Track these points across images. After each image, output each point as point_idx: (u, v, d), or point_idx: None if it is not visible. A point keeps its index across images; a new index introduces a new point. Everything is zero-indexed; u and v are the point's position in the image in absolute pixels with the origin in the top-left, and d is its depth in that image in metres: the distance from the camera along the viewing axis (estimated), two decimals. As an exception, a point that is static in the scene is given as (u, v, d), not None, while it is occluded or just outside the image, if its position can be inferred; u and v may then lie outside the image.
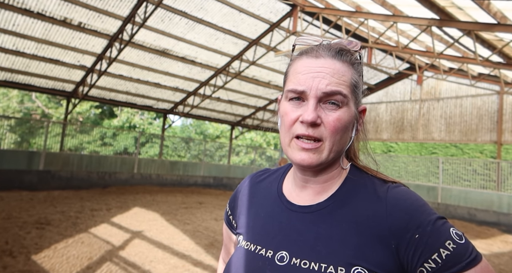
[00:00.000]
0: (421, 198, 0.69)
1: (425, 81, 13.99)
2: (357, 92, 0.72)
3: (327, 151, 0.68)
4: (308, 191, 0.76)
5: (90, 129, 17.97)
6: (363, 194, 0.71)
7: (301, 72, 0.70)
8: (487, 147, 12.40)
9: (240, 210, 0.88)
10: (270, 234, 0.75)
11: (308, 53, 0.73)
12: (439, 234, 0.62)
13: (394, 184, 0.72)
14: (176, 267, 4.52)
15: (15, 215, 6.51)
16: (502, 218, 10.31)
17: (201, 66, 11.91)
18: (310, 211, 0.73)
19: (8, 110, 21.03)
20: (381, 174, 0.76)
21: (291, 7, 9.71)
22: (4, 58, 9.79)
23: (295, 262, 0.67)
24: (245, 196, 0.89)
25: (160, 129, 17.97)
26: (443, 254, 0.61)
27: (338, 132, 0.68)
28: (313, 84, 0.68)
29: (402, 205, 0.66)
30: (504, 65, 8.33)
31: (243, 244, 0.78)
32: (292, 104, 0.71)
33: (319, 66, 0.69)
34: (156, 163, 13.43)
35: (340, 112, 0.68)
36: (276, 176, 0.87)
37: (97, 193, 10.32)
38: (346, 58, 0.71)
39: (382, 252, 0.64)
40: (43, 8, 8.35)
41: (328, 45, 0.72)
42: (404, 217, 0.64)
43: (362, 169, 0.77)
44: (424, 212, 0.65)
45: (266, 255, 0.72)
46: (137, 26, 8.83)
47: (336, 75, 0.69)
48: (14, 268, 4.00)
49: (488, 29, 6.82)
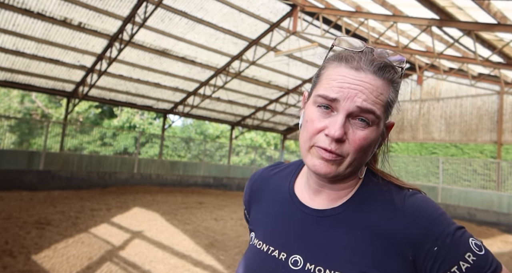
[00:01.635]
0: (439, 207, 0.67)
1: (425, 81, 13.99)
2: (389, 111, 0.70)
3: (346, 165, 0.66)
4: (322, 196, 0.73)
5: (90, 129, 17.97)
6: (379, 201, 0.69)
7: (336, 80, 0.66)
8: (487, 147, 12.40)
9: (252, 204, 0.86)
10: (283, 235, 0.73)
11: (348, 61, 0.67)
12: (459, 246, 0.61)
13: (411, 191, 0.70)
14: (176, 267, 4.52)
15: (15, 215, 6.51)
16: (502, 218, 10.30)
17: (201, 66, 11.91)
18: (324, 216, 0.70)
19: (8, 110, 21.03)
20: (398, 180, 0.74)
21: (291, 7, 9.71)
22: (4, 58, 9.79)
23: (309, 267, 0.66)
24: (256, 190, 0.87)
25: (160, 129, 17.97)
26: (463, 267, 0.59)
27: (362, 150, 0.66)
28: (349, 96, 0.63)
29: (421, 215, 0.64)
30: (504, 65, 8.33)
31: (255, 242, 0.77)
32: (320, 111, 0.67)
33: (359, 80, 0.64)
34: (156, 163, 13.43)
35: (368, 131, 0.65)
36: (288, 172, 0.84)
37: (97, 193, 10.32)
38: (389, 75, 0.67)
39: (398, 263, 0.62)
40: (43, 8, 8.35)
41: (371, 58, 0.66)
42: (422, 228, 0.62)
43: (378, 174, 0.75)
44: (443, 223, 0.63)
45: (280, 257, 0.70)
46: (137, 26, 8.83)
47: (375, 93, 0.64)
48: (14, 268, 4.00)
49: (488, 29, 6.82)
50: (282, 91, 14.62)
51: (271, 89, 14.43)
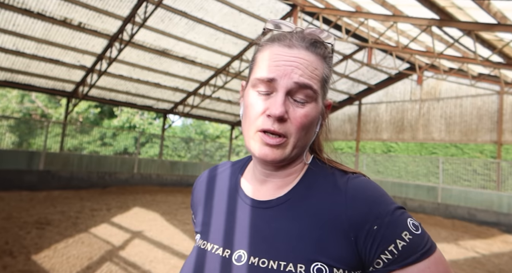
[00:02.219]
0: (380, 188, 0.67)
1: (425, 81, 13.99)
2: (326, 87, 0.70)
3: (291, 147, 0.66)
4: (268, 186, 0.72)
5: (90, 129, 17.97)
6: (323, 186, 0.69)
7: (271, 59, 0.66)
8: (487, 147, 12.40)
9: (197, 207, 0.83)
10: (228, 232, 0.71)
11: (280, 40, 0.68)
12: (397, 225, 0.61)
13: (354, 175, 0.70)
14: (176, 267, 4.52)
15: (15, 215, 6.51)
16: (502, 218, 10.30)
17: (201, 66, 11.90)
18: (269, 206, 0.69)
19: (8, 110, 21.03)
20: (343, 165, 0.74)
21: (291, 7, 9.71)
22: (4, 58, 9.79)
23: (253, 261, 0.64)
24: (201, 192, 0.84)
25: (160, 129, 17.96)
26: (399, 245, 0.60)
27: (304, 128, 0.66)
28: (285, 73, 0.64)
29: (361, 196, 0.64)
30: (504, 65, 8.32)
31: (200, 243, 0.74)
32: (259, 94, 0.67)
33: (293, 56, 0.65)
34: (156, 163, 13.43)
35: (308, 108, 0.65)
36: (235, 169, 0.83)
37: (97, 193, 10.32)
38: (320, 51, 0.68)
39: (342, 245, 0.62)
40: (43, 8, 8.35)
41: (302, 35, 0.68)
42: (363, 209, 0.63)
43: (324, 161, 0.74)
44: (383, 203, 0.63)
45: (223, 255, 0.68)
46: (137, 26, 8.83)
47: (310, 68, 0.65)
48: (14, 268, 3.99)
49: (488, 29, 6.81)
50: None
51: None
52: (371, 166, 14.80)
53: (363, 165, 14.62)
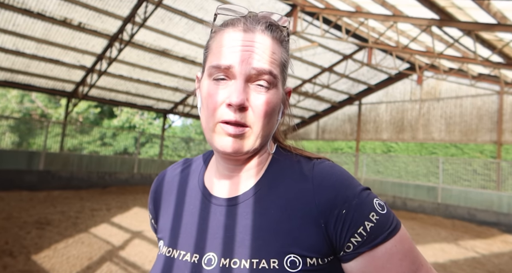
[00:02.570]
0: (346, 172, 0.66)
1: (425, 81, 13.99)
2: (285, 72, 0.67)
3: (254, 136, 0.62)
4: (233, 181, 0.68)
5: (90, 129, 17.97)
6: (290, 175, 0.66)
7: (226, 45, 0.62)
8: (487, 147, 12.40)
9: (158, 210, 0.77)
10: (194, 235, 0.66)
11: (234, 25, 0.65)
12: (364, 206, 0.60)
13: (319, 160, 0.68)
14: (176, 267, 4.52)
15: (15, 215, 6.51)
16: (502, 218, 10.31)
17: (201, 66, 11.90)
18: (236, 203, 0.65)
19: (8, 110, 21.03)
20: (307, 151, 0.72)
21: (291, 7, 9.71)
22: (4, 58, 9.79)
23: (224, 263, 0.60)
24: (161, 193, 0.78)
25: (160, 129, 17.97)
26: (367, 227, 0.59)
27: (266, 116, 0.62)
28: (243, 59, 0.60)
29: (328, 181, 0.62)
30: (504, 65, 8.33)
31: (164, 250, 0.68)
32: (216, 83, 0.62)
33: (248, 41, 0.62)
34: (156, 163, 13.43)
35: (269, 95, 0.62)
36: (196, 166, 0.78)
37: (97, 193, 10.32)
38: (276, 34, 0.65)
39: (313, 234, 0.60)
40: (43, 8, 8.35)
41: (256, 18, 0.66)
42: (330, 194, 0.61)
43: (287, 149, 0.72)
44: (350, 186, 0.62)
45: (192, 260, 0.63)
46: (137, 26, 8.83)
47: (267, 52, 0.62)
48: (14, 268, 4.00)
49: (488, 29, 6.82)
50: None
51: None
52: (371, 166, 14.80)
53: (363, 165, 14.62)
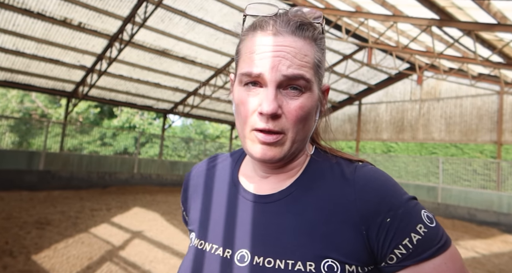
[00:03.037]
0: (391, 178, 0.63)
1: (425, 81, 13.99)
2: (320, 73, 0.64)
3: (289, 142, 0.61)
4: (269, 180, 0.68)
5: (90, 129, 17.97)
6: (329, 177, 0.64)
7: (255, 52, 0.60)
8: (487, 147, 12.40)
9: (190, 203, 0.77)
10: (227, 230, 0.65)
11: (263, 28, 0.62)
12: (411, 217, 0.57)
13: (361, 163, 0.65)
14: (176, 267, 4.52)
15: (15, 215, 6.51)
16: (502, 218, 10.30)
17: (201, 66, 11.91)
18: (272, 201, 0.64)
19: (8, 110, 21.03)
20: (346, 153, 0.69)
21: (291, 7, 9.71)
22: (4, 58, 9.79)
23: (258, 261, 0.59)
24: (195, 186, 0.78)
25: (160, 129, 17.97)
26: (414, 239, 0.56)
27: (301, 121, 0.60)
28: (272, 66, 0.58)
29: (372, 186, 0.60)
30: (504, 65, 8.33)
31: (196, 243, 0.68)
32: (248, 90, 0.61)
33: (278, 45, 0.59)
34: (156, 163, 13.43)
35: (302, 99, 0.60)
36: (231, 161, 0.77)
37: (97, 193, 10.32)
38: (308, 33, 0.62)
39: (352, 240, 0.58)
40: (43, 8, 8.35)
41: (286, 18, 0.62)
42: (374, 200, 0.58)
43: (326, 150, 0.70)
44: (395, 193, 0.59)
45: (224, 255, 0.63)
46: (137, 26, 8.83)
47: (298, 56, 0.59)
48: (14, 268, 4.00)
49: (488, 29, 6.81)
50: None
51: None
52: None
53: (363, 165, 14.61)
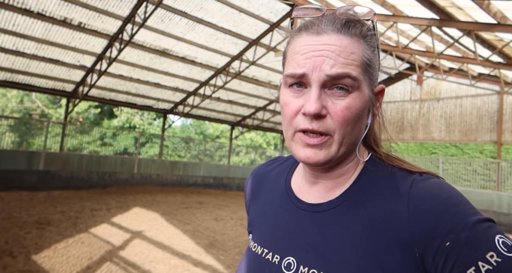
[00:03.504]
0: (457, 193, 0.55)
1: (425, 81, 13.99)
2: (370, 71, 0.60)
3: (336, 145, 0.58)
4: (318, 187, 0.66)
5: (90, 129, 17.98)
6: (382, 189, 0.59)
7: (300, 52, 0.59)
8: (487, 147, 12.40)
9: (251, 204, 0.79)
10: (277, 235, 0.66)
11: (308, 28, 0.61)
12: (479, 242, 0.49)
13: (422, 176, 0.59)
14: (176, 267, 4.52)
15: (15, 215, 6.51)
16: (502, 218, 10.31)
17: (201, 66, 11.91)
18: (320, 210, 0.63)
19: (7, 110, 21.03)
20: (407, 163, 0.63)
21: (291, 7, 9.71)
22: (4, 58, 9.79)
23: (303, 271, 0.59)
24: (252, 189, 0.80)
25: (160, 129, 17.98)
26: (482, 269, 0.47)
27: (349, 122, 0.57)
28: (315, 66, 0.57)
29: (429, 204, 0.53)
30: (504, 65, 8.33)
31: (251, 245, 0.71)
32: (293, 91, 0.60)
33: (322, 44, 0.57)
34: (156, 163, 13.43)
35: (349, 99, 0.57)
36: (286, 166, 0.77)
37: (97, 193, 10.32)
38: (356, 30, 0.59)
39: (402, 261, 0.53)
40: (43, 8, 8.35)
41: (332, 17, 0.60)
42: (431, 220, 0.52)
43: (383, 158, 0.64)
44: (459, 213, 0.51)
45: (273, 260, 0.64)
46: (137, 26, 8.83)
47: (343, 54, 0.57)
48: (14, 268, 4.00)
49: (488, 29, 6.82)
50: None
51: (271, 89, 14.42)
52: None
53: (363, 165, 14.63)
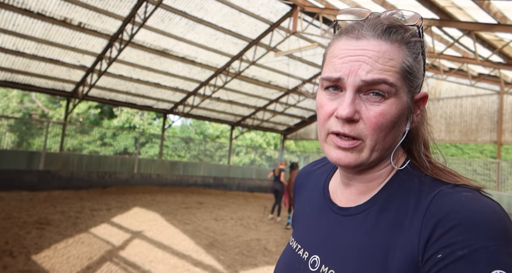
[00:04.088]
0: (502, 218, 0.48)
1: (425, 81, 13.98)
2: (410, 78, 0.59)
3: (368, 150, 0.58)
4: (351, 190, 0.67)
5: (90, 129, 17.97)
6: (407, 199, 0.58)
7: (338, 56, 0.59)
8: (487, 147, 12.41)
9: (295, 201, 0.86)
10: (310, 234, 0.70)
11: (348, 32, 0.60)
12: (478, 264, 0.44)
13: (455, 188, 0.55)
14: (176, 267, 4.52)
15: (15, 215, 6.51)
16: (502, 218, 10.31)
17: (201, 66, 11.91)
18: (348, 214, 0.65)
19: (7, 110, 21.03)
20: (447, 173, 0.59)
21: (291, 7, 9.71)
22: (4, 58, 9.79)
23: (324, 270, 0.62)
24: (299, 186, 0.85)
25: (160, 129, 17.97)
26: None
27: (382, 128, 0.57)
28: (351, 70, 0.57)
29: (445, 215, 0.49)
30: (504, 65, 8.33)
31: (291, 239, 0.77)
32: (328, 94, 0.61)
33: (360, 49, 0.57)
34: (156, 163, 13.43)
35: (385, 105, 0.57)
36: (328, 167, 0.79)
37: (97, 193, 10.32)
38: (397, 36, 0.58)
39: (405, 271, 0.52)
40: (43, 8, 8.35)
41: (374, 22, 0.60)
42: (438, 229, 0.49)
43: (421, 168, 0.62)
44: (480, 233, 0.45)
45: (303, 256, 0.68)
46: (137, 26, 8.83)
47: (381, 60, 0.56)
48: (14, 268, 4.00)
49: (488, 29, 6.82)
50: (282, 91, 14.62)
51: (271, 89, 14.42)
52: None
53: (363, 165, 14.62)
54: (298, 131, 18.73)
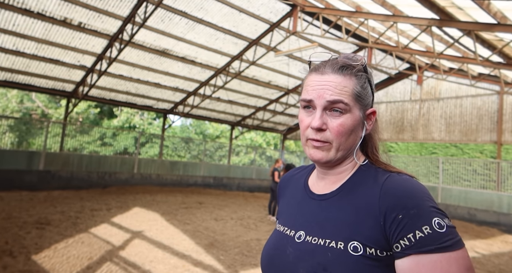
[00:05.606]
0: (419, 187, 0.76)
1: (425, 81, 13.99)
2: (360, 99, 0.84)
3: (334, 150, 0.83)
4: (325, 181, 0.90)
5: (90, 129, 17.97)
6: (368, 182, 0.82)
7: (310, 85, 0.85)
8: (487, 147, 12.40)
9: (279, 200, 1.07)
10: (295, 218, 0.91)
11: (316, 70, 0.87)
12: (420, 218, 0.71)
13: (398, 174, 0.81)
14: (176, 267, 4.52)
15: (15, 215, 6.51)
16: (502, 218, 10.30)
17: (201, 66, 11.90)
18: (324, 198, 0.87)
19: (8, 110, 21.02)
20: (391, 166, 0.87)
21: (291, 7, 9.71)
22: (4, 58, 9.79)
23: (308, 239, 0.82)
24: (282, 188, 1.08)
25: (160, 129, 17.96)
26: (417, 235, 0.70)
27: (343, 134, 0.81)
28: (319, 95, 0.82)
29: (394, 189, 0.76)
30: (504, 65, 8.33)
31: (277, 226, 0.97)
32: (306, 112, 0.86)
33: (324, 81, 0.83)
34: (156, 163, 13.43)
35: (343, 119, 0.81)
36: (306, 170, 1.04)
37: (97, 193, 10.32)
38: (348, 71, 0.83)
39: (373, 229, 0.75)
40: (43, 8, 8.35)
41: (334, 62, 0.85)
42: (393, 200, 0.75)
43: (375, 163, 0.88)
44: (415, 198, 0.73)
45: (290, 234, 0.88)
46: (137, 26, 8.83)
47: (339, 87, 0.81)
48: (14, 268, 4.00)
49: (488, 29, 6.82)
50: (282, 91, 14.61)
51: (271, 89, 14.42)
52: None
53: (363, 165, 14.61)
54: (298, 131, 18.73)
